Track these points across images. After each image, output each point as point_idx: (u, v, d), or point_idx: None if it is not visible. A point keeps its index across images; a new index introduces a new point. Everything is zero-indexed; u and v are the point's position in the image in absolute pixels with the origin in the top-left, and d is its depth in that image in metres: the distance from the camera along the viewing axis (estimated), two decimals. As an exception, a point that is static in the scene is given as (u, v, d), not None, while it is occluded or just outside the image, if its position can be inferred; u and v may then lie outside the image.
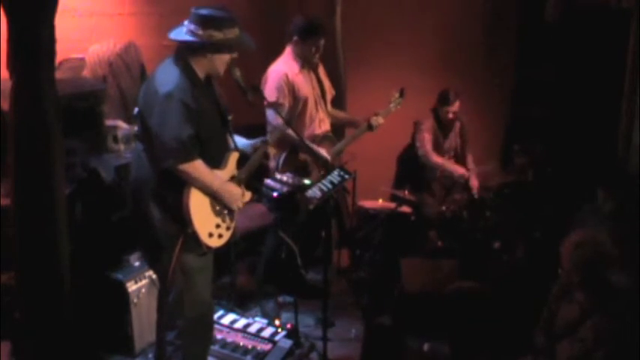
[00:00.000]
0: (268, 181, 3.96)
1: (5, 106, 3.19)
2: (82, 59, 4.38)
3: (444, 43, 5.64)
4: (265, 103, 3.77)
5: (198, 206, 3.09)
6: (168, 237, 3.11)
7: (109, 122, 4.10)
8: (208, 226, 3.16)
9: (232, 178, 3.28)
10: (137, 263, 3.90)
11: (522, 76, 5.76)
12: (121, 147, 4.07)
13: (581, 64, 5.23)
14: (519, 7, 5.66)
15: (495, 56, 5.72)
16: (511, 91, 5.82)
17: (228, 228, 3.26)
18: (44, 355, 3.23)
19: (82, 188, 3.79)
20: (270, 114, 4.12)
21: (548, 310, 3.26)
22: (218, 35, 3.02)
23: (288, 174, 4.00)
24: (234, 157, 3.28)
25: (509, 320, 3.67)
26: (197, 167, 3.03)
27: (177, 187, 3.04)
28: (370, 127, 4.51)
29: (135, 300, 3.79)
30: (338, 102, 4.87)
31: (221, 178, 3.18)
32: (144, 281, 3.85)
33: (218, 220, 3.20)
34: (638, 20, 4.48)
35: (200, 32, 3.01)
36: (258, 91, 3.63)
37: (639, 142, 4.42)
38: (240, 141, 3.47)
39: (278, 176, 3.94)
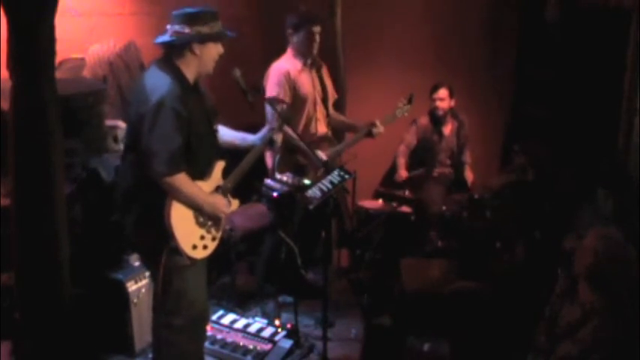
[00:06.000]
0: (268, 181, 3.97)
1: (5, 106, 3.19)
2: (82, 59, 4.38)
3: (444, 43, 5.64)
4: (265, 98, 3.76)
5: (181, 219, 3.04)
6: (152, 251, 3.10)
7: (109, 122, 4.10)
8: (192, 238, 3.10)
9: (217, 189, 3.22)
10: (137, 263, 3.89)
11: (522, 76, 5.76)
12: (121, 147, 4.04)
13: (581, 64, 5.23)
14: (520, 8, 5.66)
15: (496, 56, 5.72)
16: (511, 91, 5.82)
17: (213, 239, 3.21)
18: (44, 355, 3.23)
19: (82, 188, 3.79)
20: (269, 111, 4.12)
21: (550, 310, 3.25)
22: (205, 30, 3.05)
23: (288, 174, 4.00)
24: (219, 167, 3.22)
25: (509, 320, 3.66)
26: (181, 181, 2.98)
27: (158, 200, 3.00)
28: (370, 134, 4.51)
29: (135, 300, 3.79)
30: (338, 102, 4.86)
31: (204, 190, 3.13)
32: (144, 281, 3.85)
33: (202, 232, 3.15)
34: (638, 20, 4.48)
35: (187, 30, 3.03)
36: (258, 91, 3.63)
37: (639, 141, 4.42)
38: (248, 137, 3.44)
39: (278, 176, 3.95)
